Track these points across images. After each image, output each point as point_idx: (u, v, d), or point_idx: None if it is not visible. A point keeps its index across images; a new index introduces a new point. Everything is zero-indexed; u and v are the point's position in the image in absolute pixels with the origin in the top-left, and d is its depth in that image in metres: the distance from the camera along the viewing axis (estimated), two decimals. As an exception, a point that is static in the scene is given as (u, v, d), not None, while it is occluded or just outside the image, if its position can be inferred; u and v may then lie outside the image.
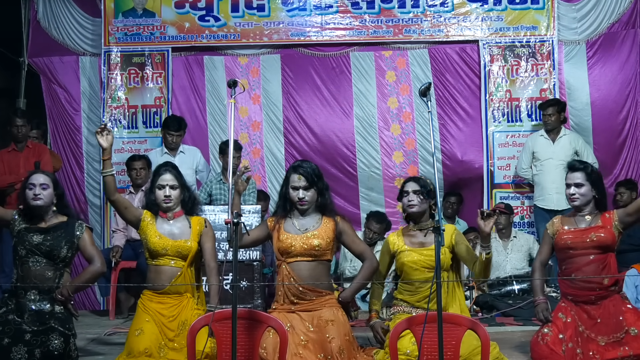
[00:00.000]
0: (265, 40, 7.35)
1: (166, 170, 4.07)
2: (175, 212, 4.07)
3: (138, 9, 7.38)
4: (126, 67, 7.37)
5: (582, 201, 3.97)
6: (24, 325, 3.68)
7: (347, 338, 3.72)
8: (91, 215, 7.41)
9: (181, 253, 3.95)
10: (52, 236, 3.86)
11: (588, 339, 3.79)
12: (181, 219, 4.08)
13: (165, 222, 4.05)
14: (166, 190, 4.01)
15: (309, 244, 3.79)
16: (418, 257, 3.96)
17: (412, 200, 3.99)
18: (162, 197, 4.01)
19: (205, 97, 7.45)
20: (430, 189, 4.00)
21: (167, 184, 4.03)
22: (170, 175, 4.05)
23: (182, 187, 4.08)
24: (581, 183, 3.96)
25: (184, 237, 4.00)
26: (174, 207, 4.05)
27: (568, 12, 7.24)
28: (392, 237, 4.15)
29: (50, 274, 3.83)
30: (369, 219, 6.59)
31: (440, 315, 3.05)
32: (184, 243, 3.96)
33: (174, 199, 4.03)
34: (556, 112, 6.63)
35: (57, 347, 3.61)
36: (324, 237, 3.82)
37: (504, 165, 7.18)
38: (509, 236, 6.61)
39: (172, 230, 4.02)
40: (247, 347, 3.30)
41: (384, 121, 7.39)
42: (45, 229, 3.90)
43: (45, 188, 3.90)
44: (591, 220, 3.95)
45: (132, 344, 3.76)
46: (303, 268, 3.79)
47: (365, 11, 7.31)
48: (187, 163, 6.65)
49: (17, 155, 6.20)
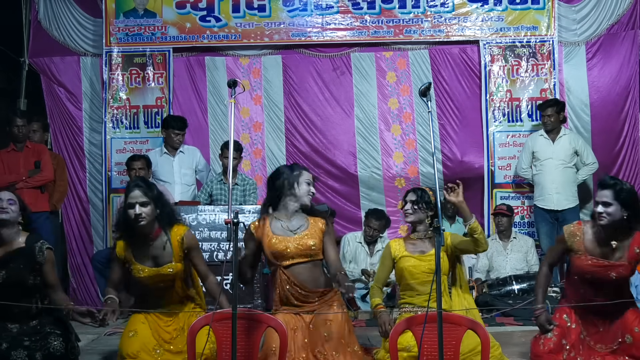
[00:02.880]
0: (266, 40, 7.36)
1: (135, 186, 3.75)
2: (153, 231, 3.77)
3: (139, 9, 7.39)
4: (127, 67, 7.38)
5: (609, 221, 3.67)
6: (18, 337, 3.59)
7: (343, 341, 3.66)
8: (92, 215, 7.43)
9: (165, 278, 3.78)
10: (12, 267, 3.62)
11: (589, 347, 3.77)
12: (160, 239, 3.79)
13: (143, 246, 3.78)
14: (136, 208, 3.68)
15: (304, 245, 3.69)
16: (417, 262, 4.01)
17: (407, 210, 4.11)
18: (132, 216, 3.68)
19: (206, 98, 7.46)
20: (428, 200, 4.11)
21: (136, 202, 3.69)
22: (139, 192, 3.72)
23: (154, 201, 3.75)
24: (609, 202, 3.67)
25: (166, 260, 3.77)
26: (148, 225, 3.73)
27: (568, 13, 7.25)
28: (394, 243, 4.19)
29: (25, 301, 3.65)
30: (368, 216, 6.60)
31: (440, 315, 3.06)
32: (165, 268, 3.75)
33: (145, 216, 3.69)
34: (555, 112, 6.63)
35: (58, 347, 3.55)
36: (315, 237, 3.73)
37: (505, 165, 7.18)
38: (509, 237, 6.62)
39: (151, 253, 3.77)
40: (247, 347, 3.31)
41: (385, 122, 7.39)
42: (2, 259, 3.65)
43: (11, 203, 3.71)
44: (617, 250, 3.70)
45: (124, 344, 3.67)
46: (302, 272, 3.68)
47: (365, 11, 7.32)
48: (187, 163, 6.67)
49: (16, 155, 6.21)
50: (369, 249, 6.60)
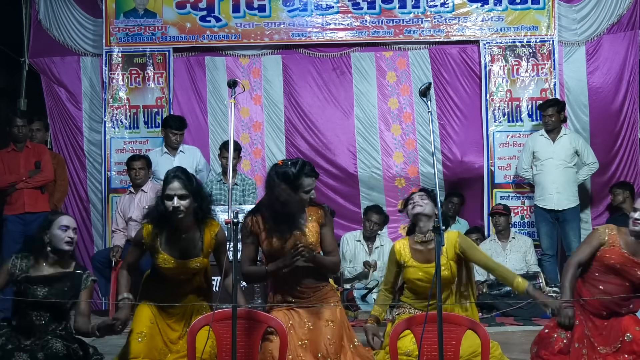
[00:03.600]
0: (266, 40, 7.36)
1: (174, 178, 3.62)
2: (187, 226, 3.69)
3: (139, 9, 7.39)
4: (127, 67, 7.38)
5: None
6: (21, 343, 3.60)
7: (344, 342, 3.64)
8: (93, 214, 7.44)
9: (187, 271, 3.72)
10: (57, 289, 3.65)
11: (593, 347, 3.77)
12: (192, 232, 3.71)
13: (173, 238, 3.70)
14: (174, 201, 3.58)
15: (301, 241, 3.58)
16: (424, 275, 3.91)
17: (416, 202, 3.97)
18: (170, 208, 3.58)
19: (206, 98, 7.46)
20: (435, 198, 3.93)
21: (174, 194, 3.58)
22: (179, 184, 3.59)
23: (193, 194, 3.63)
24: None
25: (194, 254, 3.70)
26: (185, 219, 3.64)
27: (568, 13, 7.25)
28: (398, 246, 4.06)
29: (54, 327, 3.66)
30: (367, 212, 6.60)
31: (440, 315, 3.05)
32: (192, 262, 3.69)
33: (184, 209, 3.58)
34: (556, 112, 6.63)
35: (59, 349, 3.53)
36: (313, 233, 3.67)
37: (505, 165, 7.18)
38: (507, 237, 6.63)
39: (180, 245, 3.69)
40: (247, 347, 3.31)
41: (385, 121, 7.39)
42: (48, 278, 3.67)
43: (76, 232, 3.75)
44: None
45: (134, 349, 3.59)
46: (298, 267, 3.59)
47: (365, 11, 7.32)
48: (187, 163, 6.65)
49: (17, 155, 6.20)
50: (368, 247, 6.60)
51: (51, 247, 3.72)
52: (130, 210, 6.24)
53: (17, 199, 6.13)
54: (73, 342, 3.68)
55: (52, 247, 3.72)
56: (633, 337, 3.70)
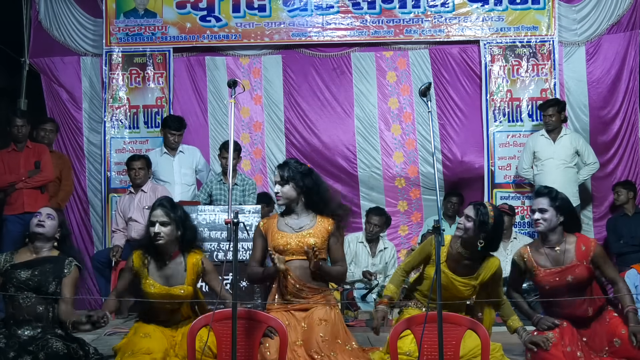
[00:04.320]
0: (266, 40, 7.36)
1: (159, 206, 3.82)
2: (172, 253, 3.85)
3: (139, 9, 7.39)
4: (127, 67, 7.38)
5: (546, 227, 3.84)
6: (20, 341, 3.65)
7: (340, 341, 3.67)
8: (92, 214, 7.43)
9: (173, 297, 3.82)
10: (39, 271, 3.78)
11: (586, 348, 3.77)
12: (177, 260, 3.86)
13: (160, 265, 3.85)
14: (156, 227, 3.75)
15: (304, 242, 3.76)
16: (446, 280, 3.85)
17: (460, 225, 3.92)
18: (152, 234, 3.77)
19: (206, 98, 7.46)
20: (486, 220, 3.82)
21: (157, 221, 3.77)
22: (161, 211, 3.79)
23: (176, 222, 3.81)
24: (545, 209, 3.84)
25: (178, 282, 3.82)
26: (166, 245, 3.80)
27: (568, 13, 7.25)
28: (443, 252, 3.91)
29: (42, 309, 3.77)
30: (368, 214, 6.62)
31: (440, 315, 3.06)
32: (177, 289, 3.80)
33: (164, 236, 3.76)
34: (556, 112, 6.63)
35: (60, 348, 3.57)
36: (319, 236, 3.80)
37: (505, 165, 7.18)
38: (509, 237, 6.62)
39: (165, 273, 3.83)
40: (247, 347, 3.31)
41: (385, 121, 7.39)
42: (30, 262, 3.81)
43: (50, 218, 3.87)
44: (562, 253, 3.82)
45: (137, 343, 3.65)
46: (298, 266, 3.76)
47: (366, 11, 7.32)
48: (187, 163, 6.67)
49: (17, 155, 6.20)
50: (371, 250, 6.59)
51: (29, 236, 3.89)
52: (130, 210, 6.24)
53: (16, 198, 6.12)
54: (73, 342, 3.73)
55: (29, 236, 3.89)
56: (622, 341, 3.70)
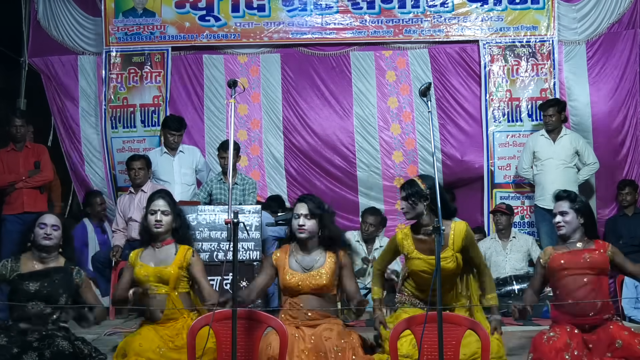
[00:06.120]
0: (265, 40, 7.36)
1: (160, 197, 4.10)
2: (164, 240, 4.05)
3: (138, 8, 7.38)
4: (126, 66, 7.37)
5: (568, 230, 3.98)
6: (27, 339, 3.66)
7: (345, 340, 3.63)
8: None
9: (162, 278, 3.91)
10: (48, 282, 3.83)
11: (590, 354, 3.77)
12: (169, 247, 4.05)
13: (152, 251, 4.04)
14: (157, 215, 4.01)
15: (315, 284, 3.79)
16: (428, 267, 3.85)
17: (402, 208, 3.98)
18: (152, 221, 4.01)
19: (203, 96, 7.45)
20: (419, 189, 3.87)
21: (159, 209, 4.03)
22: (163, 202, 4.07)
23: (174, 214, 4.08)
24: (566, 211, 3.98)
25: (166, 263, 3.97)
26: (164, 233, 4.04)
27: (568, 12, 7.25)
28: (400, 235, 3.99)
29: (49, 310, 3.82)
30: (363, 214, 6.63)
31: (440, 315, 3.05)
32: (164, 268, 3.92)
33: (164, 224, 4.02)
34: (556, 112, 6.62)
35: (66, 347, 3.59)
36: (329, 275, 3.81)
37: (505, 165, 7.18)
38: (508, 236, 6.62)
39: (156, 257, 4.01)
40: (247, 347, 3.31)
41: (384, 121, 7.39)
42: (37, 273, 3.86)
43: (56, 229, 3.94)
44: (583, 245, 3.97)
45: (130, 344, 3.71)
46: (310, 300, 3.79)
47: (365, 11, 7.32)
48: (187, 163, 6.65)
49: (16, 155, 6.20)
50: (367, 249, 6.59)
51: (34, 245, 3.94)
52: (131, 210, 6.22)
53: (16, 198, 6.13)
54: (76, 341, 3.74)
55: (35, 245, 3.94)
56: (623, 342, 3.70)
